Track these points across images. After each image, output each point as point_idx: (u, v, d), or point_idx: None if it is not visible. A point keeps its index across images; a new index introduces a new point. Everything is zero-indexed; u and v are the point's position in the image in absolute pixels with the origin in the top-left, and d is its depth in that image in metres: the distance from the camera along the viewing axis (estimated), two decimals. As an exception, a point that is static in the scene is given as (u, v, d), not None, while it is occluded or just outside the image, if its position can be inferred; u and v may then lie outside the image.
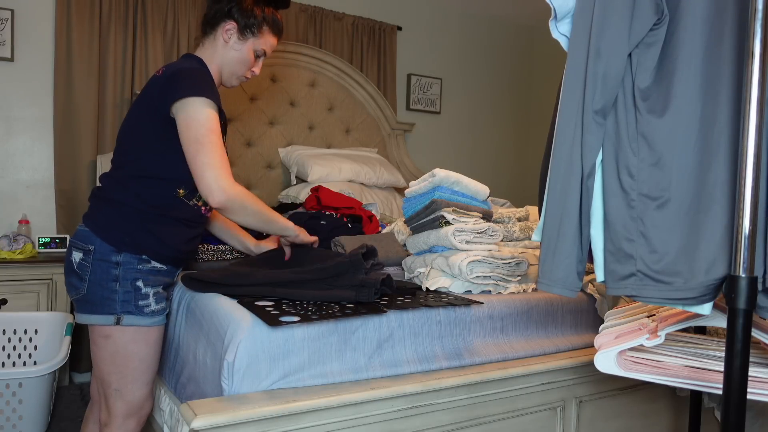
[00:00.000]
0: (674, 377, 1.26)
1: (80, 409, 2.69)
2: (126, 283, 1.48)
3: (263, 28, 1.67)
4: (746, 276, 0.97)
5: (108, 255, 1.48)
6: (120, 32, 3.28)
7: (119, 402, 1.51)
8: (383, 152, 4.07)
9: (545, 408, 1.70)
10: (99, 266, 1.48)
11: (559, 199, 1.16)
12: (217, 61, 1.66)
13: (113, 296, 1.47)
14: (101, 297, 1.47)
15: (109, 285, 1.47)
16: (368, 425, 1.40)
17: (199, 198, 1.60)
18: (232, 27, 1.63)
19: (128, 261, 1.49)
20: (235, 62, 1.67)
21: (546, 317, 1.82)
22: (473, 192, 1.91)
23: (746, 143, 0.96)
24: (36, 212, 3.16)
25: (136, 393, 1.53)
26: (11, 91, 3.11)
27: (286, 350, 1.38)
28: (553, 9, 1.19)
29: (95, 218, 1.52)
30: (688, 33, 1.08)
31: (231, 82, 1.71)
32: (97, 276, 1.48)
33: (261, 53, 1.70)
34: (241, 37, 1.65)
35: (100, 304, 1.48)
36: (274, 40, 1.73)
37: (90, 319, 1.49)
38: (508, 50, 4.97)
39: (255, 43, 1.67)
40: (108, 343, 1.49)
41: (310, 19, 3.90)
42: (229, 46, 1.65)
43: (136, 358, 1.51)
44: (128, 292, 1.48)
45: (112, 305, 1.47)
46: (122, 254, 1.49)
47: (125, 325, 1.48)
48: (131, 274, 1.49)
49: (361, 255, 1.59)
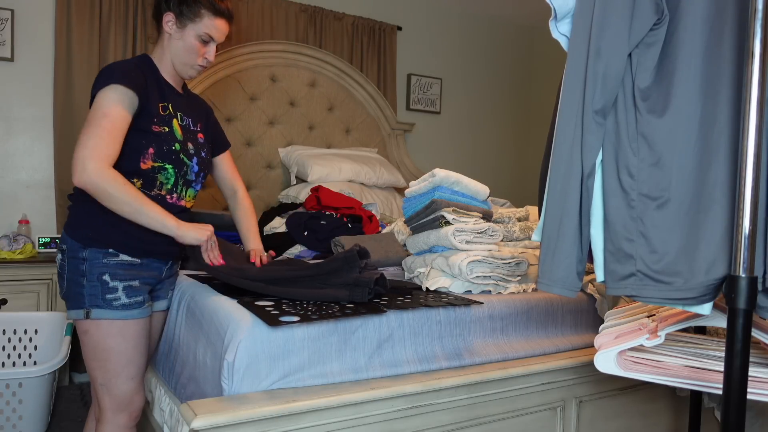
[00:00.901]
0: (674, 377, 1.26)
1: (80, 409, 2.69)
2: (92, 278, 1.52)
3: (200, 11, 1.64)
4: (746, 276, 0.97)
5: (76, 251, 1.53)
6: (120, 32, 3.28)
7: (106, 397, 1.55)
8: (383, 152, 4.07)
9: (545, 408, 1.70)
10: (71, 263, 1.54)
11: (559, 199, 1.16)
12: (166, 55, 1.67)
13: (81, 290, 1.52)
14: (74, 292, 1.53)
15: (78, 280, 1.52)
16: (368, 425, 1.40)
17: (161, 186, 1.61)
18: (170, 18, 1.64)
19: (94, 256, 1.53)
20: (181, 52, 1.66)
21: (546, 317, 1.82)
22: (473, 192, 1.91)
23: (746, 143, 0.96)
24: (36, 212, 3.16)
25: (122, 387, 1.55)
26: (11, 91, 3.11)
27: (286, 350, 1.38)
28: (553, 9, 1.19)
29: (69, 219, 1.59)
30: (688, 33, 1.08)
31: (186, 72, 1.70)
32: (70, 273, 1.54)
33: (207, 38, 1.66)
34: (179, 25, 1.64)
35: (72, 299, 1.53)
36: (220, 23, 1.68)
37: (69, 314, 1.55)
38: (508, 50, 4.97)
39: (195, 29, 1.65)
40: (88, 339, 1.54)
41: (310, 19, 3.90)
42: (172, 38, 1.65)
43: (113, 352, 1.54)
44: (94, 286, 1.52)
45: (81, 300, 1.52)
46: (88, 250, 1.53)
47: (94, 318, 1.52)
48: (97, 268, 1.52)
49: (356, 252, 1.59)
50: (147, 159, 1.56)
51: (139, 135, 1.55)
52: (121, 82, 1.50)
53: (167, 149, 1.60)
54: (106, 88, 1.50)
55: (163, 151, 1.59)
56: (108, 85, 1.50)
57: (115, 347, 1.54)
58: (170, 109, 1.65)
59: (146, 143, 1.56)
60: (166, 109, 1.63)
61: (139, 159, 1.55)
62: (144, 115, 1.57)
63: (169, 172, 1.61)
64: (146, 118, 1.57)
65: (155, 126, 1.59)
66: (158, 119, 1.60)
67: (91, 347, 1.54)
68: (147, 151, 1.56)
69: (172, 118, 1.65)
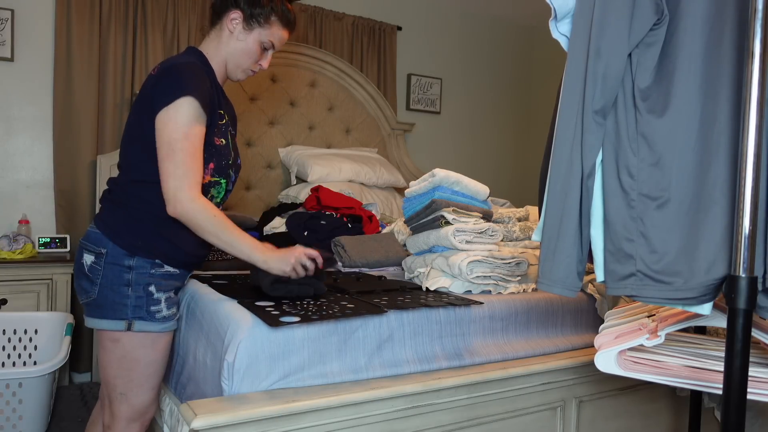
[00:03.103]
0: (674, 377, 1.26)
1: (80, 409, 2.69)
2: (138, 288, 1.45)
3: (271, 19, 1.57)
4: (746, 276, 0.97)
5: (120, 259, 1.44)
6: (120, 32, 3.28)
7: (124, 406, 1.49)
8: (383, 152, 4.07)
9: (545, 408, 1.70)
10: (111, 270, 1.44)
11: (560, 199, 1.16)
12: (221, 53, 1.59)
13: (125, 301, 1.44)
14: (112, 301, 1.44)
15: (121, 290, 1.44)
16: (368, 425, 1.40)
17: (212, 200, 1.55)
18: (237, 16, 1.55)
19: (141, 265, 1.46)
20: (239, 54, 1.58)
21: (546, 317, 1.82)
22: (473, 192, 1.91)
23: (746, 143, 0.96)
24: (36, 212, 3.16)
25: (142, 397, 1.50)
26: (11, 91, 3.11)
27: (286, 350, 1.38)
28: (553, 9, 1.19)
29: (108, 221, 1.48)
30: (688, 33, 1.08)
31: (236, 75, 1.63)
32: (108, 280, 1.44)
33: (269, 45, 1.60)
34: (246, 27, 1.56)
35: (111, 309, 1.44)
36: (284, 33, 1.62)
37: (100, 323, 1.45)
38: (508, 50, 4.97)
39: (261, 34, 1.58)
40: (116, 347, 1.46)
41: (310, 19, 3.90)
42: (233, 37, 1.57)
43: (143, 362, 1.48)
44: (140, 297, 1.45)
45: (124, 310, 1.44)
46: (135, 258, 1.45)
47: (136, 330, 1.45)
48: (144, 278, 1.46)
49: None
50: (206, 174, 1.49)
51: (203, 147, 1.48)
52: (194, 95, 1.41)
53: (225, 164, 1.54)
54: (181, 103, 1.40)
55: (221, 166, 1.54)
56: (181, 97, 1.40)
57: (144, 358, 1.47)
58: (226, 117, 1.58)
59: (207, 157, 1.49)
60: (222, 118, 1.56)
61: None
62: (209, 126, 1.49)
63: (222, 186, 1.56)
64: (210, 129, 1.50)
65: (216, 138, 1.52)
66: (218, 130, 1.54)
67: (118, 357, 1.46)
68: (208, 166, 1.49)
69: (228, 127, 1.59)
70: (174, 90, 1.41)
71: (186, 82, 1.43)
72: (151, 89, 1.45)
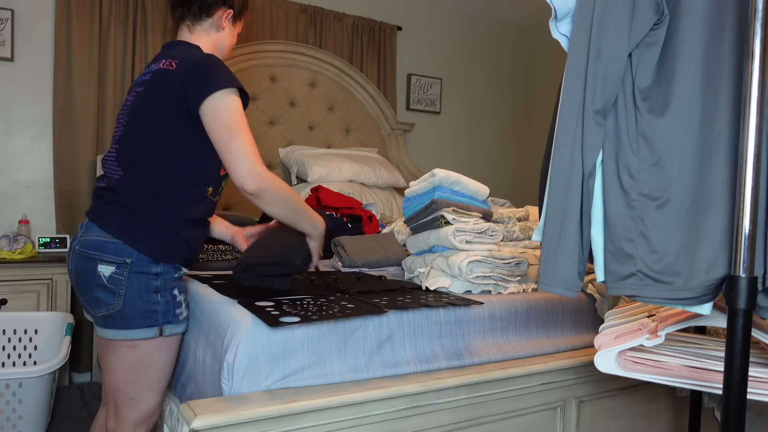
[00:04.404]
0: (674, 377, 1.26)
1: (80, 409, 2.69)
2: (166, 294, 1.46)
3: (245, 11, 1.69)
4: (746, 276, 0.97)
5: (147, 267, 1.43)
6: (120, 32, 3.28)
7: (132, 410, 1.48)
8: (383, 152, 4.07)
9: (545, 408, 1.70)
10: (138, 279, 1.42)
11: (560, 200, 1.16)
12: (211, 47, 1.62)
13: (156, 308, 1.43)
14: (142, 310, 1.42)
15: (151, 297, 1.43)
16: (368, 425, 1.40)
17: (220, 193, 1.61)
18: (229, 14, 1.62)
19: (167, 271, 1.47)
20: (227, 48, 1.66)
21: (546, 317, 1.82)
22: (473, 192, 1.91)
23: (746, 143, 0.96)
24: (36, 212, 3.16)
25: (151, 401, 1.50)
26: (11, 91, 3.11)
27: (286, 350, 1.38)
28: (553, 9, 1.19)
29: (128, 230, 1.43)
30: (688, 33, 1.08)
31: None
32: (135, 289, 1.42)
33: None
34: (233, 23, 1.65)
35: (141, 318, 1.42)
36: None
37: (129, 334, 1.42)
38: (508, 50, 4.97)
39: (239, 27, 1.69)
40: (133, 353, 1.44)
41: (310, 19, 3.90)
42: (225, 33, 1.63)
43: (158, 365, 1.48)
44: (168, 302, 1.46)
45: (155, 317, 1.43)
46: (161, 265, 1.46)
47: (168, 335, 1.46)
48: (170, 283, 1.47)
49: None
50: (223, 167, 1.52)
51: None
52: (234, 84, 1.46)
53: None
54: (227, 92, 1.44)
55: None
56: (231, 87, 1.45)
57: (159, 361, 1.48)
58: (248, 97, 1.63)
59: None
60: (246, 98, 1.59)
61: (219, 166, 1.52)
62: None
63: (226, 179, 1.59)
64: None
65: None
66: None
67: (134, 361, 1.45)
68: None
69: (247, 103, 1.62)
70: (213, 82, 1.43)
71: (222, 73, 1.46)
72: (181, 85, 1.43)
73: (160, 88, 1.47)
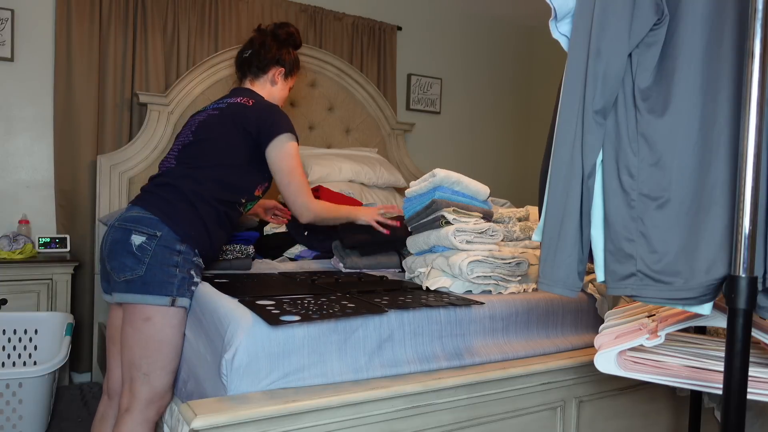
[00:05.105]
0: (674, 377, 1.26)
1: (80, 409, 2.69)
2: (184, 270, 1.63)
3: (296, 69, 2.09)
4: (746, 276, 0.97)
5: (173, 243, 1.62)
6: (120, 32, 3.28)
7: (145, 387, 1.58)
8: (383, 152, 4.07)
9: (545, 408, 1.70)
10: (162, 251, 1.61)
11: (560, 200, 1.16)
12: (267, 97, 2.01)
13: (172, 280, 1.60)
14: (161, 279, 1.59)
15: (170, 270, 1.61)
16: (368, 425, 1.40)
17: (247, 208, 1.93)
18: (281, 72, 2.03)
19: (187, 251, 1.66)
20: (279, 99, 2.06)
21: (546, 317, 1.82)
22: (473, 192, 1.91)
23: (746, 143, 0.96)
24: (36, 212, 3.16)
25: (163, 379, 1.60)
26: (11, 91, 3.11)
27: (287, 349, 1.38)
28: (553, 9, 1.19)
29: (165, 209, 1.66)
30: (688, 33, 1.08)
31: None
32: (158, 260, 1.60)
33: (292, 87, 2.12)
34: (287, 78, 2.06)
35: (158, 286, 1.58)
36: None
37: (144, 299, 1.58)
38: (508, 50, 4.97)
39: (291, 82, 2.09)
40: (147, 326, 1.58)
41: (310, 19, 3.90)
42: (277, 87, 2.04)
43: (169, 343, 1.60)
44: (184, 278, 1.63)
45: (170, 288, 1.59)
46: (184, 245, 1.65)
47: (179, 306, 1.61)
48: (188, 263, 1.65)
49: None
50: (260, 189, 1.91)
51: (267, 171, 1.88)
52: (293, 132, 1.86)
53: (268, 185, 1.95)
54: (287, 137, 1.83)
55: (266, 187, 1.94)
56: (288, 133, 1.84)
57: (171, 338, 1.60)
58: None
59: (266, 177, 1.90)
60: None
61: (256, 188, 1.88)
62: None
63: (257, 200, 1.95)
64: None
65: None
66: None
67: (147, 335, 1.58)
68: (263, 184, 1.91)
69: None
70: (282, 128, 1.83)
71: (286, 121, 1.86)
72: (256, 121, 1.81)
73: (236, 115, 1.83)
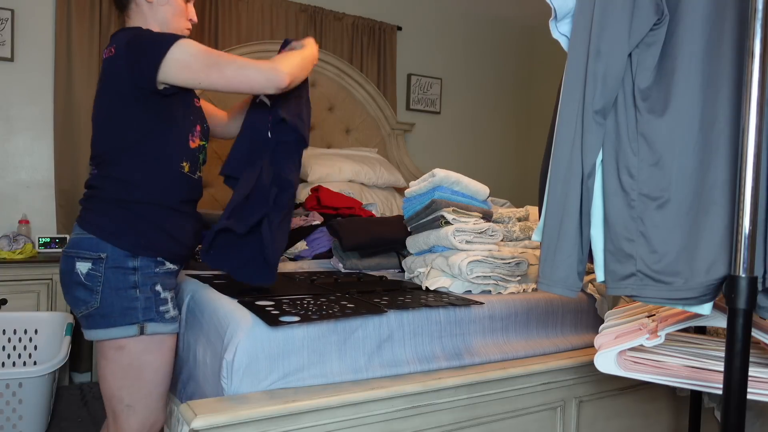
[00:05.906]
0: (674, 377, 1.26)
1: (80, 409, 2.69)
2: (146, 289, 1.39)
3: None
4: (746, 276, 0.97)
5: (123, 261, 1.38)
6: (120, 32, 3.28)
7: (132, 419, 1.40)
8: (383, 152, 4.07)
9: (545, 408, 1.70)
10: (114, 275, 1.37)
11: (560, 200, 1.16)
12: (152, 25, 1.49)
13: (134, 304, 1.37)
14: (120, 307, 1.36)
15: (128, 293, 1.37)
16: (368, 425, 1.40)
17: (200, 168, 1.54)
18: None
19: (146, 265, 1.40)
20: (170, 17, 1.52)
21: (546, 317, 1.82)
22: (473, 192, 1.91)
23: (746, 143, 0.96)
24: (36, 212, 3.16)
25: (151, 407, 1.43)
26: (11, 91, 3.11)
27: (286, 350, 1.38)
28: (553, 9, 1.19)
29: (100, 224, 1.40)
30: (688, 33, 1.08)
31: None
32: (111, 285, 1.36)
33: None
34: None
35: (119, 315, 1.36)
36: None
37: (108, 333, 1.36)
38: (508, 50, 4.96)
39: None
40: (121, 356, 1.38)
41: (310, 19, 3.90)
42: (155, 5, 1.49)
43: (150, 368, 1.41)
44: (149, 298, 1.39)
45: (134, 314, 1.37)
46: (139, 258, 1.39)
47: (149, 333, 1.38)
48: (150, 278, 1.40)
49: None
50: (195, 137, 1.47)
51: (188, 110, 1.45)
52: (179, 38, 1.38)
53: (205, 126, 1.51)
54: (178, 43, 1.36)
55: (204, 129, 1.50)
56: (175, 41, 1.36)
57: (152, 363, 1.40)
58: None
59: (194, 120, 1.46)
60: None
61: (188, 138, 1.45)
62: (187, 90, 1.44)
63: (206, 149, 1.53)
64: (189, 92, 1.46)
65: (196, 100, 1.50)
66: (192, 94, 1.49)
67: (124, 365, 1.38)
68: (195, 129, 1.46)
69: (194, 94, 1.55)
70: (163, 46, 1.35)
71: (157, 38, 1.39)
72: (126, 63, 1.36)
73: (108, 77, 1.42)
